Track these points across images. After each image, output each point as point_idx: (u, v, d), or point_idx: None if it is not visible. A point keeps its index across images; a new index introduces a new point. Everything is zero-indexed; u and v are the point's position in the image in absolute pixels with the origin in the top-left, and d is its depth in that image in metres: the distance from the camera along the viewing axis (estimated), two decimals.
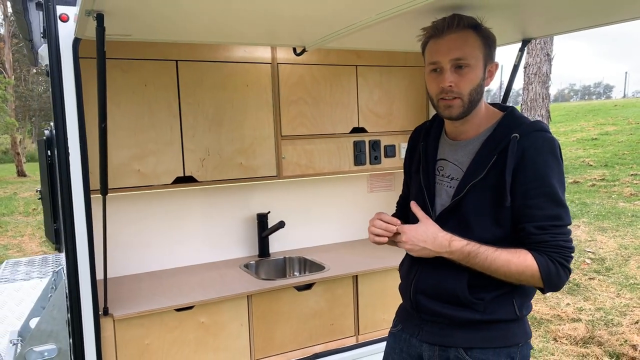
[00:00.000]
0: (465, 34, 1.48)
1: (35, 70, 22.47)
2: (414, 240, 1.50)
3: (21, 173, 18.47)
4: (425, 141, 1.71)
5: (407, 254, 1.73)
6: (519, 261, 1.42)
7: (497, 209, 1.47)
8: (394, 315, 1.84)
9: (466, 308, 1.53)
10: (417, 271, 1.63)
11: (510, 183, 1.44)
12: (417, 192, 1.68)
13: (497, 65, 1.58)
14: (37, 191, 4.89)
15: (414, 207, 1.59)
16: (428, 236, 1.50)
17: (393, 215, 1.90)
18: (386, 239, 1.58)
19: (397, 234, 1.56)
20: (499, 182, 1.45)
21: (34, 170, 19.37)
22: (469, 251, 1.44)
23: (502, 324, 1.53)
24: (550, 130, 1.53)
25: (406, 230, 1.53)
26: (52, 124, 3.78)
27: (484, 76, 1.52)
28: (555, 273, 1.41)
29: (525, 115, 6.63)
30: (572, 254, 1.44)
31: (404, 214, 1.87)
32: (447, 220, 1.55)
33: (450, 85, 1.47)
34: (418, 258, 1.58)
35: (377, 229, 1.57)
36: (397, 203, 1.97)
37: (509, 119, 1.54)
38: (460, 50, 1.47)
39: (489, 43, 1.52)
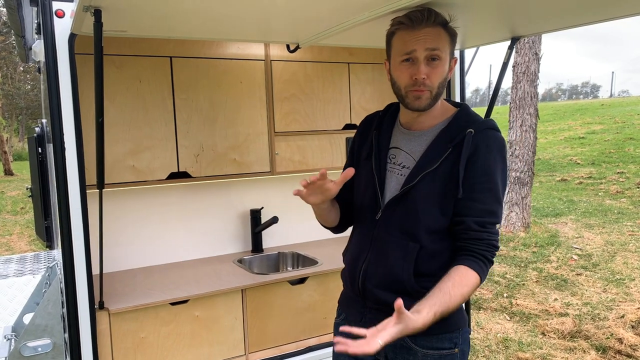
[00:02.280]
0: (438, 29, 1.52)
1: (22, 68, 22.21)
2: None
3: (8, 172, 18.28)
4: (378, 129, 1.74)
5: (351, 240, 1.76)
6: (469, 288, 1.45)
7: (445, 200, 1.51)
8: (337, 305, 1.84)
9: (411, 297, 1.53)
10: (366, 259, 1.64)
11: (463, 176, 1.49)
12: (367, 179, 1.70)
13: (456, 60, 1.63)
14: (27, 189, 4.86)
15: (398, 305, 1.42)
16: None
17: None
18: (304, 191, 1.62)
19: None
20: (451, 174, 1.50)
21: (21, 169, 19.19)
22: (435, 317, 1.41)
23: None
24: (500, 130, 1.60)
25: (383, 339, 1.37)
26: (43, 120, 3.77)
27: (448, 70, 1.57)
28: (486, 272, 1.50)
29: (514, 115, 6.68)
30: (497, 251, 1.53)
31: (340, 200, 1.82)
32: (395, 208, 1.58)
33: (424, 78, 1.50)
34: (367, 245, 1.62)
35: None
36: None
37: (464, 114, 1.60)
38: (435, 42, 1.51)
39: (454, 40, 1.57)
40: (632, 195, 9.00)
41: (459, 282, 1.45)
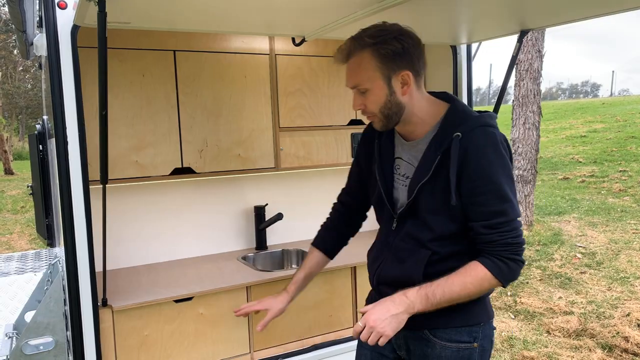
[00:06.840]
0: (360, 58, 1.49)
1: (22, 68, 22.18)
2: (381, 318, 1.44)
3: (8, 171, 18.22)
4: (379, 139, 1.72)
5: (375, 243, 1.79)
6: (472, 278, 1.45)
7: (449, 207, 1.49)
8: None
9: None
10: (382, 262, 1.68)
11: (455, 183, 1.45)
12: (377, 191, 1.70)
13: (408, 74, 1.49)
14: (28, 187, 4.83)
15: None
16: (387, 305, 1.47)
17: (330, 219, 1.97)
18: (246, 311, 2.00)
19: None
20: (446, 182, 1.47)
21: (21, 168, 19.14)
22: (425, 293, 1.46)
23: (462, 305, 1.54)
24: (495, 124, 1.52)
25: (367, 316, 1.46)
26: (44, 117, 3.74)
27: (390, 90, 1.50)
28: (507, 270, 1.45)
29: (517, 113, 6.56)
30: (523, 247, 1.47)
31: (347, 213, 1.94)
32: (407, 220, 1.60)
33: (360, 108, 1.56)
34: (385, 251, 1.66)
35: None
36: (339, 201, 1.97)
37: (452, 115, 1.54)
38: (354, 78, 1.52)
39: (390, 57, 1.47)
40: (635, 193, 8.96)
41: (462, 272, 1.47)
